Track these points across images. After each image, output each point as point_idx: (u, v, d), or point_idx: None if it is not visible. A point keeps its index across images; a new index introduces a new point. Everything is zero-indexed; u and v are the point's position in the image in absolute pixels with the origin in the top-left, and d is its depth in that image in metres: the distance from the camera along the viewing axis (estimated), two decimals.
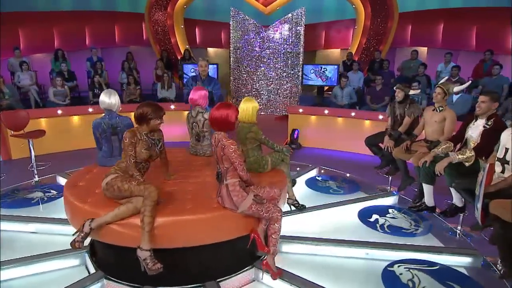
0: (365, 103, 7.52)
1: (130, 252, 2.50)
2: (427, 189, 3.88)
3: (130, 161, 2.64)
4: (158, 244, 2.52)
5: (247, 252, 2.93)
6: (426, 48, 9.59)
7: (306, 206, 3.86)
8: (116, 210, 2.54)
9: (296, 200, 3.80)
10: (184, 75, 8.45)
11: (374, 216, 3.92)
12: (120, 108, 3.51)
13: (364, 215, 3.95)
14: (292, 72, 9.36)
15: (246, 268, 2.94)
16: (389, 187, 4.78)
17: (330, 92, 8.99)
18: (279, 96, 9.57)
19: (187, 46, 10.00)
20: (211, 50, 11.42)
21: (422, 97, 6.75)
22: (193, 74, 7.27)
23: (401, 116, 4.61)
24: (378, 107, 7.05)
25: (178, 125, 6.35)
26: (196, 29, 11.00)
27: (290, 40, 9.21)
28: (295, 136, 6.88)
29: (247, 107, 3.35)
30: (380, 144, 4.84)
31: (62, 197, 4.29)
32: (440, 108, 4.01)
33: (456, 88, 4.01)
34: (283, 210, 3.15)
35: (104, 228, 2.57)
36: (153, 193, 2.47)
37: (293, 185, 3.93)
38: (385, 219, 3.87)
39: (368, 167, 5.50)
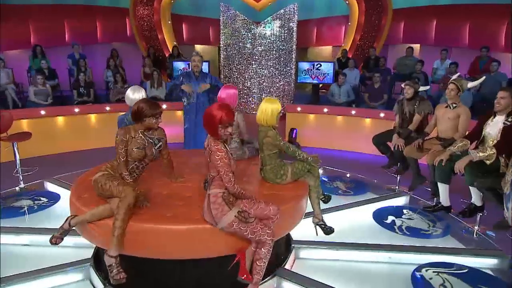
0: (362, 101, 7.51)
1: (143, 263, 2.33)
2: (442, 188, 3.83)
3: (119, 160, 2.58)
4: (129, 252, 2.42)
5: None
6: (418, 45, 9.69)
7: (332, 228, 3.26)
8: (94, 209, 2.51)
9: (323, 221, 3.22)
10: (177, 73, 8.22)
11: (390, 218, 3.86)
12: None
13: (379, 217, 3.88)
14: (284, 69, 9.25)
15: (267, 279, 2.78)
16: (397, 187, 4.74)
17: (324, 90, 8.96)
18: (272, 95, 9.44)
19: (174, 43, 9.75)
20: (198, 47, 11.19)
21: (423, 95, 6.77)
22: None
23: (410, 114, 4.55)
24: (377, 105, 7.05)
25: (171, 125, 6.13)
26: (183, 25, 10.75)
27: (283, 37, 9.11)
28: (293, 135, 6.77)
29: (266, 108, 3.01)
30: (388, 143, 4.80)
31: (54, 205, 4.11)
32: (454, 105, 3.98)
33: (470, 84, 4.00)
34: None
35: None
36: (128, 196, 2.39)
37: (327, 201, 3.44)
38: (401, 220, 3.81)
39: (371, 167, 5.45)
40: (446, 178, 3.74)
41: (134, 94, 3.44)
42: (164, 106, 6.92)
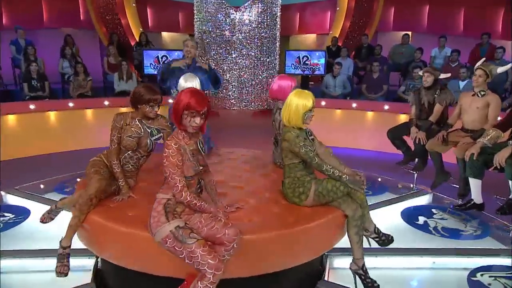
0: (357, 92, 7.56)
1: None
2: (475, 184, 3.86)
3: (110, 147, 2.66)
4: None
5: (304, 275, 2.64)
6: (410, 33, 9.94)
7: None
8: (75, 194, 2.72)
9: (365, 271, 2.68)
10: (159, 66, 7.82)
11: (421, 218, 3.84)
12: None
13: (409, 218, 3.85)
14: (268, 60, 9.15)
15: None
16: (413, 185, 4.75)
17: (312, 83, 8.96)
18: (254, 88, 9.31)
19: (141, 29, 9.35)
20: (166, 34, 10.84)
21: None
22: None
23: (430, 104, 4.58)
24: (376, 96, 7.12)
25: None
26: (148, 10, 10.35)
27: (265, 23, 9.00)
28: None
29: (290, 102, 2.61)
30: (404, 137, 4.81)
31: (23, 222, 3.71)
32: (482, 93, 4.04)
33: (500, 69, 4.06)
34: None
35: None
36: (91, 187, 2.49)
37: (386, 243, 2.84)
38: (435, 221, 3.80)
39: (378, 164, 5.48)
40: (479, 173, 3.77)
41: (187, 82, 3.45)
42: None
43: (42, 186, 4.47)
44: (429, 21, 9.51)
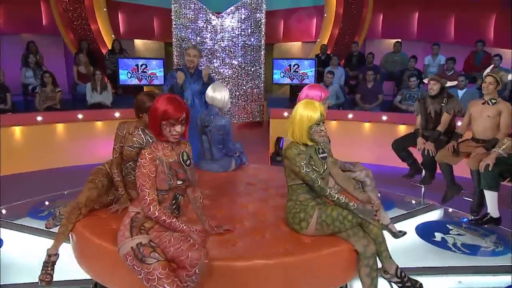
0: (351, 103, 7.65)
1: None
2: (490, 197, 3.91)
3: (112, 156, 2.75)
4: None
5: None
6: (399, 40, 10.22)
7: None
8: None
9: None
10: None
11: (438, 235, 3.86)
12: (226, 108, 3.71)
13: (425, 234, 3.86)
14: (252, 69, 9.15)
15: None
16: (421, 199, 4.79)
17: (299, 93, 8.99)
18: (238, 99, 9.26)
19: (113, 36, 9.19)
20: (139, 42, 10.69)
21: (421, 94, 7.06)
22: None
23: (436, 113, 4.66)
24: (371, 106, 7.21)
25: None
26: (119, 15, 10.19)
27: (250, 30, 9.03)
28: (281, 145, 6.67)
29: (295, 113, 2.47)
30: (410, 149, 4.86)
31: None
32: (493, 101, 4.14)
33: (511, 76, 4.18)
34: None
35: None
36: (81, 195, 2.59)
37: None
38: (452, 237, 3.82)
39: (380, 178, 5.40)
40: (495, 185, 3.82)
41: (215, 92, 3.59)
42: (116, 115, 6.46)
43: (12, 211, 4.21)
44: (419, 28, 9.79)
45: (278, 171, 3.73)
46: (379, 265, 2.49)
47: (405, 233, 3.31)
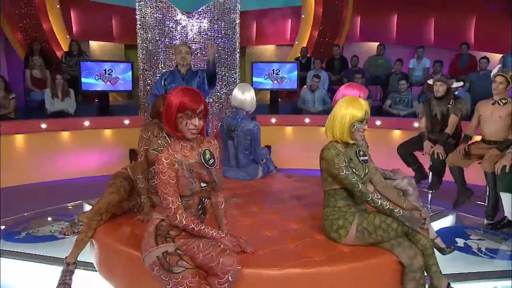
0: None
1: None
2: (507, 199, 4.17)
3: (137, 159, 2.83)
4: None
5: None
6: (377, 44, 10.67)
7: None
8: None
9: None
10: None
11: (459, 240, 4.02)
12: (252, 110, 3.84)
13: (447, 240, 4.00)
14: (227, 74, 9.19)
15: None
16: (429, 205, 4.99)
17: (280, 99, 9.14)
18: (211, 106, 9.24)
19: (68, 36, 8.93)
20: (94, 44, 10.45)
21: (412, 97, 7.39)
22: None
23: (443, 115, 4.90)
24: None
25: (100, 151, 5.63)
26: (72, 13, 9.94)
27: (223, 32, 9.09)
28: (269, 152, 6.69)
29: (335, 111, 2.50)
30: (415, 153, 5.08)
31: None
32: (504, 101, 4.43)
33: None
34: None
35: None
36: (101, 200, 2.69)
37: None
38: (475, 242, 4.00)
39: None
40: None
41: (245, 93, 3.73)
42: (86, 123, 6.26)
43: None
44: (398, 32, 10.27)
45: (310, 179, 3.79)
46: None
47: (453, 249, 3.32)
